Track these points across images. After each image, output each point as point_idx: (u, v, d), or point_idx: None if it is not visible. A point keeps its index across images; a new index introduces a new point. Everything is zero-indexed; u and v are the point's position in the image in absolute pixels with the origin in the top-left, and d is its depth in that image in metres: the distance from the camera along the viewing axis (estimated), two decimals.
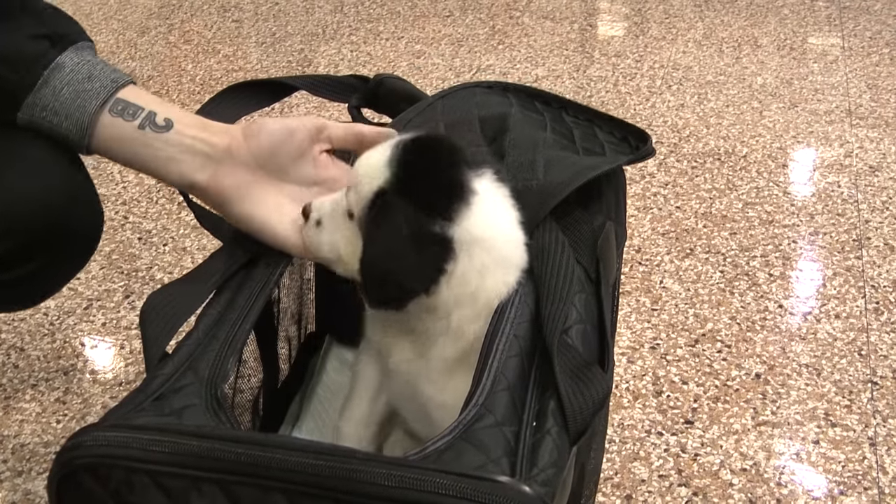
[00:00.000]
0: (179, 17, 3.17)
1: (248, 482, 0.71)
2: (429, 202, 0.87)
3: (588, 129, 1.12)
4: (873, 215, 1.97)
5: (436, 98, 1.13)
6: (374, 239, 0.88)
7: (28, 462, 1.42)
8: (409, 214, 0.86)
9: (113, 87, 0.93)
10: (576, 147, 1.07)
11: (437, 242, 0.87)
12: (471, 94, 1.14)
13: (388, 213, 0.87)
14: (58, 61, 0.93)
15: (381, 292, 0.90)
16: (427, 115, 1.09)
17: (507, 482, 0.68)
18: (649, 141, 1.08)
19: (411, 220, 0.86)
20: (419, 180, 0.88)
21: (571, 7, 3.17)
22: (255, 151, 0.95)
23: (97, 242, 1.10)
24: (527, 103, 1.16)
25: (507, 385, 0.79)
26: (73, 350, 1.66)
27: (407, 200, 0.87)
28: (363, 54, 2.85)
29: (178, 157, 0.94)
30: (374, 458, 0.70)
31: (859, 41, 2.85)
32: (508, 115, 1.05)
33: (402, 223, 0.86)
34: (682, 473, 1.36)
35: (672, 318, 1.68)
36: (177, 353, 0.85)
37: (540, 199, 0.95)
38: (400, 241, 0.86)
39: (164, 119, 0.94)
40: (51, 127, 0.94)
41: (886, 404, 1.48)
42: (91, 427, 0.75)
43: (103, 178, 2.19)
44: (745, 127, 2.35)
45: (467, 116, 1.06)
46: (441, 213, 0.87)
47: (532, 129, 1.05)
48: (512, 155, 1.00)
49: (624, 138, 1.11)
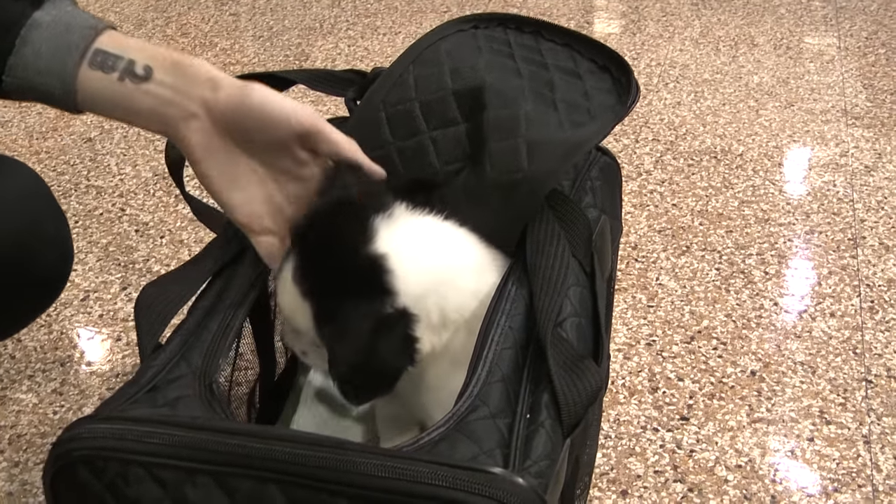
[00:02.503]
0: (176, 9, 3.17)
1: (242, 473, 0.71)
2: (367, 291, 0.87)
3: (567, 61, 1.08)
4: (868, 214, 1.97)
5: (405, 66, 1.07)
6: (343, 348, 0.87)
7: (25, 453, 1.42)
8: (359, 313, 0.86)
9: (92, 35, 0.87)
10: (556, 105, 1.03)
11: (397, 319, 0.87)
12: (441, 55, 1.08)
13: (341, 323, 0.87)
14: (34, 17, 0.87)
15: (370, 386, 0.91)
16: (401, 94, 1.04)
17: (501, 473, 0.68)
18: (631, 74, 1.04)
19: (365, 315, 0.86)
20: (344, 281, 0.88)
21: (568, 4, 3.16)
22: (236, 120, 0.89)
23: (62, 287, 1.08)
24: (499, 40, 1.10)
25: (502, 377, 0.80)
26: (70, 341, 1.66)
27: (347, 306, 0.87)
28: (360, 49, 2.85)
29: (160, 109, 0.88)
30: (369, 450, 0.70)
31: (855, 41, 2.86)
32: (484, 88, 1.01)
33: (360, 324, 0.86)
34: (678, 469, 1.36)
35: (668, 314, 1.68)
36: (170, 344, 0.85)
37: (529, 191, 0.94)
38: (366, 338, 0.86)
39: (144, 67, 0.87)
40: (38, 88, 0.88)
41: (881, 402, 1.48)
42: (85, 419, 0.75)
43: (100, 170, 2.19)
44: (741, 125, 2.35)
45: (441, 93, 1.03)
46: (384, 293, 0.87)
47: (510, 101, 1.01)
48: (493, 141, 0.98)
49: (605, 67, 1.08)
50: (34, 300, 1.08)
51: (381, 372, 0.89)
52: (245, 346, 1.15)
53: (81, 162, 2.23)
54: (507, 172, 0.95)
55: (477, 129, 1.00)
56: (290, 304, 0.90)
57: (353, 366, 0.87)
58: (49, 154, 2.26)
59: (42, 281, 1.05)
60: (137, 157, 2.24)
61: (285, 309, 0.92)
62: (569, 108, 1.02)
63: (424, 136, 1.01)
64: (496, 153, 0.97)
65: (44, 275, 1.05)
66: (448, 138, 1.01)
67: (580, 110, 1.02)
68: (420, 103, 1.03)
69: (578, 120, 1.01)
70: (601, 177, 1.12)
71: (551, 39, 1.11)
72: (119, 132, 2.36)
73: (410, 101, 1.03)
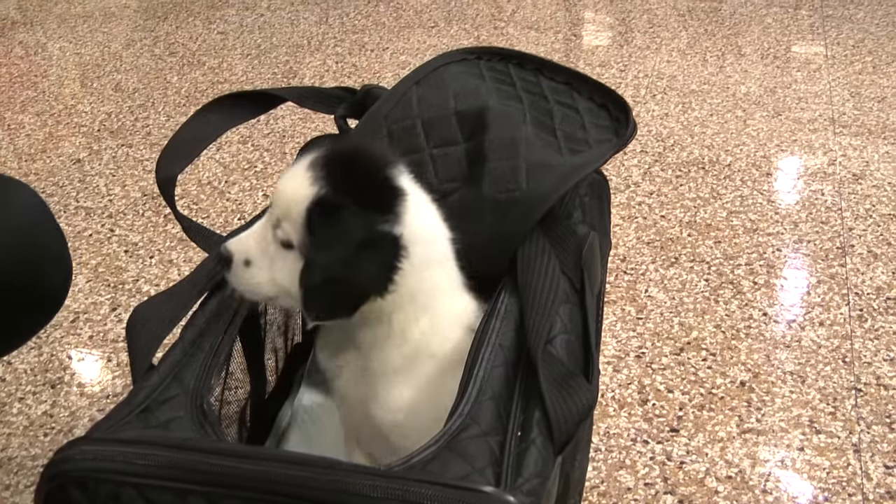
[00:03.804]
0: (165, 29, 3.17)
1: (234, 494, 0.71)
2: (373, 203, 0.87)
3: (567, 97, 1.10)
4: (857, 223, 1.98)
5: (409, 85, 1.10)
6: (327, 249, 0.86)
7: (16, 475, 1.42)
8: (357, 218, 0.85)
9: None
10: (555, 132, 1.05)
11: (389, 242, 0.87)
12: (445, 78, 1.11)
13: (336, 220, 0.86)
14: None
15: (336, 301, 0.88)
16: (404, 111, 1.07)
17: (492, 492, 0.68)
18: (629, 113, 1.06)
19: (361, 222, 0.85)
20: (357, 184, 0.87)
21: (556, 17, 3.18)
22: None
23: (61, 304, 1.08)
24: (501, 72, 1.13)
25: (493, 395, 0.80)
26: (60, 363, 1.66)
27: (350, 206, 0.86)
28: (348, 65, 2.85)
29: None
30: (359, 469, 0.70)
31: (842, 49, 2.87)
32: (486, 110, 1.03)
33: (352, 227, 0.85)
34: (668, 481, 1.37)
35: (657, 326, 1.69)
36: (162, 365, 0.85)
37: (524, 210, 0.95)
38: (353, 245, 0.85)
39: None
40: None
41: (870, 411, 1.48)
42: (77, 441, 0.75)
43: (89, 191, 2.19)
44: (728, 136, 2.36)
45: (443, 112, 1.05)
46: (386, 213, 0.87)
47: (511, 124, 1.03)
48: (493, 160, 0.99)
49: (603, 105, 1.09)
50: (34, 318, 1.08)
51: (351, 289, 0.87)
52: (235, 364, 1.15)
53: (70, 183, 2.23)
54: (504, 191, 0.96)
55: (477, 148, 1.01)
56: (292, 188, 0.88)
57: (329, 277, 0.86)
58: (38, 175, 2.26)
59: (43, 299, 1.06)
60: (126, 178, 2.24)
61: (283, 193, 0.89)
62: (567, 137, 1.05)
63: (424, 153, 1.02)
64: (495, 171, 0.98)
65: (45, 293, 1.05)
66: (447, 157, 1.02)
67: (578, 141, 1.04)
68: (423, 121, 1.04)
69: (577, 148, 1.03)
70: (590, 193, 1.12)
71: (551, 77, 1.13)
72: (108, 153, 2.36)
73: (413, 118, 1.05)
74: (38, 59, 2.98)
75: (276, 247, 0.90)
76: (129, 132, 2.47)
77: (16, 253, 0.99)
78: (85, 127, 2.50)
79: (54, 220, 1.05)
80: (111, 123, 2.52)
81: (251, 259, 0.92)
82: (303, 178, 0.87)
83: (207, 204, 2.07)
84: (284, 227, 0.89)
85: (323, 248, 0.86)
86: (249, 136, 2.39)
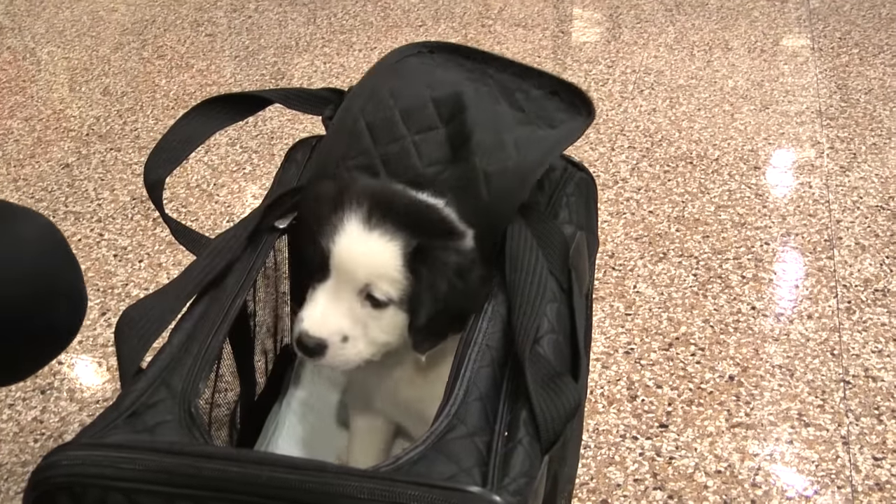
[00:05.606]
0: (153, 32, 3.17)
1: (222, 498, 0.72)
2: (437, 232, 0.92)
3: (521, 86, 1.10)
4: (844, 215, 1.99)
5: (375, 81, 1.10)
6: (432, 287, 0.90)
7: (6, 482, 1.42)
8: (444, 251, 0.90)
9: None
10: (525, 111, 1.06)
11: (475, 258, 0.92)
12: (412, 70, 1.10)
13: (432, 259, 0.90)
14: None
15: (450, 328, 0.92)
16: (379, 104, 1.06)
17: (478, 492, 0.69)
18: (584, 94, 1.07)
19: (451, 253, 0.91)
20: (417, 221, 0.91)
21: (543, 14, 3.18)
22: None
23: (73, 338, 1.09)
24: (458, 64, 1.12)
25: (479, 395, 0.80)
26: (49, 368, 1.65)
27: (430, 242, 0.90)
28: (336, 66, 2.85)
29: None
30: (347, 471, 0.71)
31: (829, 42, 2.88)
32: (461, 93, 1.04)
33: (448, 260, 0.90)
34: (658, 477, 1.37)
35: (646, 322, 1.69)
36: (150, 368, 0.86)
37: (518, 178, 0.97)
38: (454, 275, 0.90)
39: None
40: None
41: (859, 403, 1.49)
42: (65, 446, 0.75)
43: (78, 195, 2.19)
44: (716, 130, 2.37)
45: (420, 101, 1.05)
46: (450, 234, 0.92)
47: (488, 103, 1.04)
48: (478, 134, 1.00)
49: (554, 92, 1.10)
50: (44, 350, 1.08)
51: (467, 313, 0.90)
52: (225, 367, 1.15)
53: (59, 188, 2.23)
54: (496, 161, 0.98)
55: (459, 127, 1.02)
56: (370, 252, 0.90)
57: (440, 311, 0.90)
58: (27, 181, 2.26)
59: (53, 332, 1.06)
60: (115, 182, 2.24)
61: (360, 258, 0.91)
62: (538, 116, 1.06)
63: (406, 140, 1.03)
64: (483, 144, 0.99)
65: (55, 326, 1.05)
66: (429, 141, 1.02)
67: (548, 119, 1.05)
68: (400, 111, 1.05)
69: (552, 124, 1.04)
70: (576, 192, 1.13)
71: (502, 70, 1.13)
72: (96, 157, 2.36)
73: (390, 108, 1.06)
74: (26, 63, 2.98)
75: (367, 311, 0.93)
76: (118, 136, 2.47)
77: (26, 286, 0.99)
78: (73, 131, 2.50)
79: (70, 253, 1.05)
80: (100, 127, 2.52)
81: (348, 334, 0.94)
82: (373, 238, 0.90)
83: (196, 206, 2.07)
84: (382, 288, 0.91)
85: (428, 289, 0.90)
86: (238, 138, 2.39)
